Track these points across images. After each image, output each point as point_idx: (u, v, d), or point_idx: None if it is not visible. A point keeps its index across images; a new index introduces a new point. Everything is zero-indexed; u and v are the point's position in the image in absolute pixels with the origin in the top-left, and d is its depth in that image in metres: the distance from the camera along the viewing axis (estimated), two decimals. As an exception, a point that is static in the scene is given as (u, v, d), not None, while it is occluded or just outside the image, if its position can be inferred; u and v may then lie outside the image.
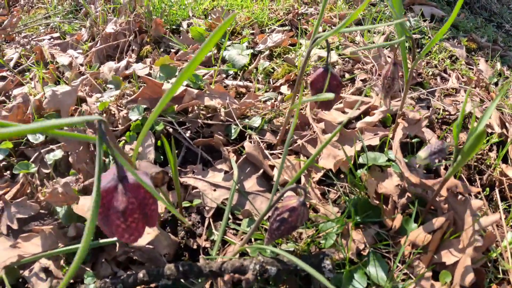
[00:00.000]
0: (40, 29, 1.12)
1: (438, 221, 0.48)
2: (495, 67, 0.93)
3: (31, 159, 0.69)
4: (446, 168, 0.66)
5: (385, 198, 0.54)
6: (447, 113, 0.74)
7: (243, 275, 0.44)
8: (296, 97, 0.56)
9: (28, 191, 0.65)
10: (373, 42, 0.88)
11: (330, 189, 0.57)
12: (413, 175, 0.49)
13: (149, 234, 0.49)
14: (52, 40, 1.03)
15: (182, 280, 0.48)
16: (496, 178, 0.68)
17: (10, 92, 0.93)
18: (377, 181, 0.54)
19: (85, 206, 0.54)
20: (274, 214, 0.43)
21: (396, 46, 0.62)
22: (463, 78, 0.85)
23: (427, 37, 0.97)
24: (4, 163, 0.72)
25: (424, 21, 1.06)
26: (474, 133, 0.38)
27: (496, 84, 0.91)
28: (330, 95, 0.37)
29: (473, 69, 0.91)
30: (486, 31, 1.13)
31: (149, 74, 0.78)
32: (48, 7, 1.24)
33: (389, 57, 0.85)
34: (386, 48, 0.84)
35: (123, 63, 0.78)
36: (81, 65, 0.82)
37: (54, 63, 0.94)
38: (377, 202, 0.53)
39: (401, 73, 0.80)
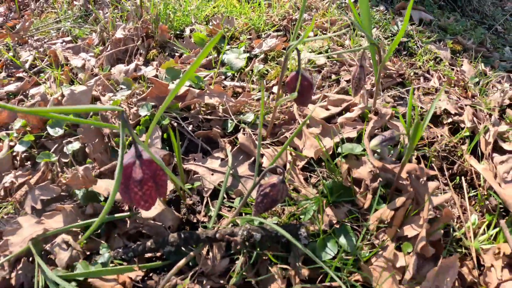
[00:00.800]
0: (52, 33, 1.26)
1: (399, 200, 0.59)
2: (477, 68, 1.03)
3: (51, 150, 0.82)
4: (418, 158, 0.77)
5: (359, 182, 0.66)
6: (424, 110, 0.85)
7: (235, 242, 0.55)
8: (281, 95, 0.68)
9: (49, 177, 0.78)
10: (360, 45, 0.99)
11: (312, 174, 0.68)
12: (376, 160, 0.60)
13: (156, 209, 0.60)
14: (64, 43, 1.17)
15: (183, 248, 0.60)
16: (467, 168, 0.78)
17: (27, 92, 1.07)
18: (352, 167, 0.66)
19: (102, 187, 0.66)
20: (259, 190, 0.55)
21: (364, 51, 0.73)
22: (444, 78, 0.95)
23: (413, 40, 1.08)
24: (25, 154, 0.85)
25: (412, 24, 1.17)
26: (416, 124, 0.49)
27: (478, 83, 1.01)
28: (294, 94, 0.48)
29: (456, 70, 1.02)
30: (474, 33, 1.24)
31: (156, 76, 0.90)
32: (59, 11, 1.38)
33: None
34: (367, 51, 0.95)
35: (132, 65, 0.90)
36: (94, 67, 0.95)
37: (68, 65, 1.07)
38: (350, 184, 0.64)
39: (382, 75, 0.91)
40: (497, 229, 0.66)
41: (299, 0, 1.15)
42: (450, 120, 0.82)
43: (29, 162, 0.84)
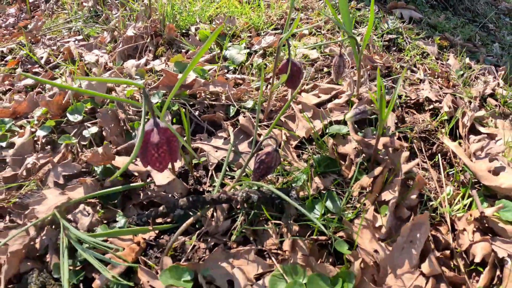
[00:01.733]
0: (64, 32, 1.41)
1: (377, 169, 0.72)
2: (462, 62, 1.16)
3: (71, 134, 0.95)
4: (400, 139, 0.89)
5: (344, 156, 0.78)
6: (408, 98, 0.98)
7: (235, 203, 0.68)
8: (276, 82, 0.81)
9: (69, 157, 0.91)
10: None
11: (303, 151, 0.81)
12: (356, 135, 0.73)
13: (168, 178, 0.73)
14: (77, 42, 1.31)
15: (191, 213, 0.72)
16: (446, 149, 0.91)
17: (44, 85, 1.21)
18: (338, 144, 0.78)
19: (120, 161, 0.79)
20: (256, 158, 0.68)
21: (343, 43, 0.86)
22: (429, 71, 1.08)
23: (402, 37, 1.22)
24: (46, 139, 0.99)
25: (403, 22, 1.30)
26: (380, 97, 0.62)
27: (462, 75, 1.14)
28: (284, 76, 0.61)
29: (442, 64, 1.14)
30: (463, 31, 1.37)
31: (164, 69, 1.05)
32: (69, 12, 1.53)
33: (364, 54, 1.10)
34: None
35: (142, 60, 1.04)
36: (107, 62, 1.09)
37: (82, 60, 1.21)
38: (336, 157, 0.77)
39: (369, 66, 1.04)
40: (470, 199, 0.79)
41: (297, 1, 1.30)
42: (431, 106, 0.95)
43: (49, 146, 0.97)
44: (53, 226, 0.77)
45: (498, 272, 0.67)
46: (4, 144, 0.95)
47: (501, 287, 0.62)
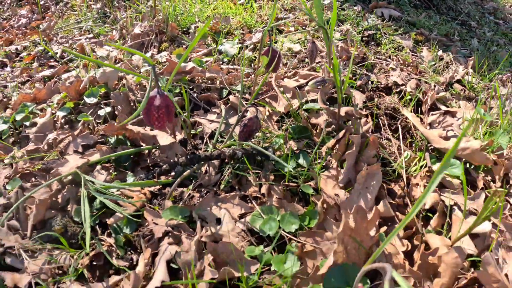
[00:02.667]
0: (75, 31, 1.68)
1: (341, 133, 0.95)
2: (435, 54, 1.40)
3: (88, 113, 1.20)
4: (372, 118, 1.12)
5: (316, 126, 1.02)
6: (379, 83, 1.21)
7: (223, 157, 0.92)
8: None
9: (86, 132, 1.16)
10: (333, 37, 1.37)
11: (282, 124, 1.04)
12: (323, 104, 0.96)
13: (170, 140, 0.97)
14: (88, 39, 1.58)
15: (189, 169, 0.96)
16: (409, 124, 1.13)
17: (60, 76, 1.47)
18: (311, 117, 1.02)
19: (132, 128, 1.03)
20: (240, 123, 0.91)
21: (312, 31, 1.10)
22: (401, 61, 1.32)
23: (380, 33, 1.46)
24: (65, 119, 1.23)
25: (383, 20, 1.55)
26: (334, 66, 0.86)
27: (434, 65, 1.37)
28: (265, 58, 0.86)
29: (416, 55, 1.38)
30: (442, 27, 1.61)
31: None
32: (79, 13, 1.81)
33: (341, 46, 1.35)
34: (339, 40, 1.34)
35: (148, 54, 1.30)
36: (116, 56, 1.35)
37: (94, 55, 1.47)
38: (308, 126, 1.00)
39: (344, 57, 1.29)
40: (425, 161, 1.01)
41: (286, 2, 1.56)
42: (398, 89, 1.18)
43: (67, 125, 1.22)
44: (73, 185, 1.01)
45: (448, 219, 0.89)
46: (27, 123, 1.20)
47: (452, 230, 0.84)
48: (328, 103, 1.07)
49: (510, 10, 2.14)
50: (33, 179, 1.04)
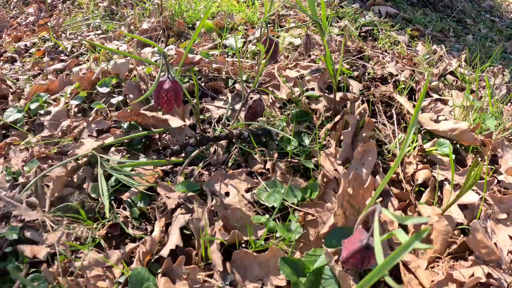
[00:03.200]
0: (83, 28, 1.79)
1: (338, 117, 1.05)
2: (429, 48, 1.51)
3: (101, 102, 1.30)
4: (368, 105, 1.23)
5: (316, 111, 1.12)
6: (375, 74, 1.32)
7: (231, 137, 1.02)
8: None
9: (98, 119, 1.26)
10: (330, 32, 1.48)
11: (285, 110, 1.15)
12: (320, 91, 1.07)
13: (181, 123, 1.07)
14: (96, 35, 1.69)
15: (198, 149, 1.06)
16: (404, 111, 1.24)
17: (71, 69, 1.57)
18: (311, 103, 1.12)
19: (147, 114, 1.13)
20: (246, 105, 1.02)
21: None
22: (397, 54, 1.43)
23: (377, 28, 1.58)
24: (78, 107, 1.34)
25: (380, 17, 1.67)
26: (327, 57, 0.97)
27: (427, 58, 1.48)
28: (262, 46, 0.96)
29: (411, 49, 1.49)
30: (437, 24, 1.72)
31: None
32: (86, 11, 1.92)
33: (339, 40, 1.46)
34: (338, 35, 1.45)
35: (156, 48, 1.41)
36: (125, 50, 1.46)
37: (103, 49, 1.58)
38: (308, 110, 1.10)
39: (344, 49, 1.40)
40: (417, 142, 1.11)
41: (288, 0, 1.68)
42: (394, 79, 1.29)
43: (80, 114, 1.33)
44: (89, 166, 1.11)
45: (439, 194, 0.99)
46: (42, 111, 1.30)
47: (443, 202, 0.94)
48: (326, 91, 1.18)
49: (506, 9, 2.26)
50: (50, 162, 1.14)
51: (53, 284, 0.82)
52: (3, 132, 1.33)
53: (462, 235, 0.88)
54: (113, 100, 1.24)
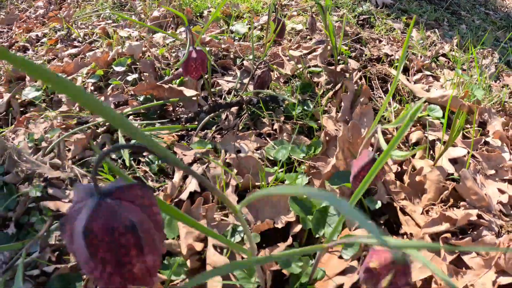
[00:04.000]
0: (93, 19, 1.93)
1: (338, 86, 1.19)
2: (423, 34, 1.67)
3: (118, 79, 1.44)
4: (361, 78, 1.38)
5: (318, 84, 1.27)
6: (370, 54, 1.47)
7: (242, 103, 1.16)
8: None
9: (116, 92, 1.39)
10: (329, 19, 1.64)
11: (289, 84, 1.29)
12: (322, 63, 1.21)
13: (195, 92, 1.21)
14: (108, 25, 1.83)
15: (211, 117, 1.19)
16: (399, 86, 1.38)
17: (85, 54, 1.71)
18: (314, 77, 1.27)
19: (164, 85, 1.27)
20: (255, 76, 1.16)
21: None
22: (392, 39, 1.58)
23: (373, 17, 1.74)
24: (94, 86, 1.47)
25: (377, 7, 1.83)
26: (329, 30, 1.11)
27: (422, 42, 1.64)
28: (273, 24, 1.11)
29: (406, 35, 1.65)
30: (431, 14, 1.89)
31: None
32: (95, 3, 2.08)
33: (338, 26, 1.62)
34: (337, 22, 1.61)
35: (168, 32, 1.56)
36: (137, 36, 1.60)
37: (117, 34, 1.72)
38: (311, 82, 1.25)
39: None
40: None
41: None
42: (388, 59, 1.44)
43: (96, 92, 1.46)
44: (108, 133, 1.23)
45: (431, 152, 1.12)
46: (61, 91, 1.44)
47: (435, 157, 1.07)
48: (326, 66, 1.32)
49: (502, 3, 2.44)
50: (70, 131, 1.27)
51: None
52: (21, 109, 1.46)
53: (453, 182, 1.01)
54: (129, 78, 1.38)
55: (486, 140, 1.14)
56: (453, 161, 1.06)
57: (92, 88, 1.43)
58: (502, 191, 1.02)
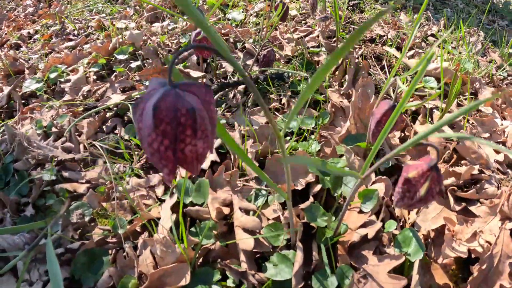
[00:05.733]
0: (86, 13, 1.94)
1: (339, 61, 1.25)
2: (411, 17, 1.75)
3: (121, 66, 1.45)
4: (359, 57, 1.44)
5: (318, 62, 1.32)
6: (365, 36, 1.54)
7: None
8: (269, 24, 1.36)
9: (121, 79, 1.40)
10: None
11: (290, 63, 1.34)
12: (324, 40, 1.27)
13: (200, 74, 1.24)
14: (102, 18, 1.84)
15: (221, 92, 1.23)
16: (392, 62, 1.45)
17: (82, 47, 1.71)
18: (313, 56, 1.33)
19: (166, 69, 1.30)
20: (260, 55, 1.20)
21: None
22: (383, 22, 1.66)
23: (363, 2, 1.82)
24: (97, 75, 1.48)
25: (364, -6, 1.92)
26: (335, 7, 1.17)
27: (410, 24, 1.73)
28: (279, 9, 1.17)
29: (394, 17, 1.73)
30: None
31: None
32: None
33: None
34: (328, 8, 1.68)
35: (166, 22, 1.58)
36: (135, 27, 1.62)
37: (114, 25, 1.74)
38: (313, 61, 1.30)
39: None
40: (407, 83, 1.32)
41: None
42: (381, 40, 1.51)
43: (98, 81, 1.48)
44: (117, 117, 1.25)
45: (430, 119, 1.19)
46: (62, 79, 1.45)
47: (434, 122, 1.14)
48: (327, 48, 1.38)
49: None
50: (78, 116, 1.28)
51: (97, 209, 0.93)
52: (22, 102, 1.46)
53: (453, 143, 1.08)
54: (132, 65, 1.40)
55: (479, 108, 1.22)
56: (451, 126, 1.13)
57: (95, 77, 1.44)
58: (497, 152, 1.10)
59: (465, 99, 1.24)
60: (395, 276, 0.74)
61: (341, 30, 1.52)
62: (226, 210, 0.83)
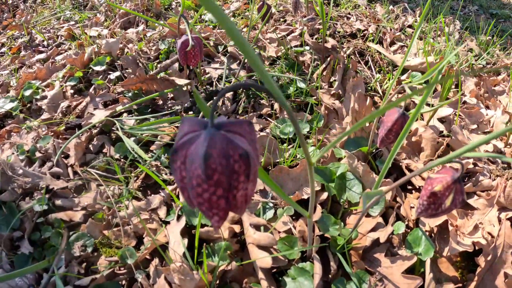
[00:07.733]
0: (53, 22, 1.84)
1: (327, 62, 1.25)
2: (387, 8, 1.78)
3: (99, 78, 1.39)
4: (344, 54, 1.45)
5: (304, 62, 1.32)
6: (343, 31, 1.55)
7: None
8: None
9: (102, 92, 1.35)
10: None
11: (275, 65, 1.33)
12: (310, 38, 1.27)
13: (186, 81, 1.21)
14: (71, 26, 1.75)
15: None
16: (376, 58, 1.47)
17: (54, 58, 1.63)
18: (298, 56, 1.32)
19: (157, 77, 1.25)
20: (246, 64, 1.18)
21: None
22: (360, 15, 1.67)
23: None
24: (74, 89, 1.41)
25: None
26: (320, 5, 1.17)
27: (387, 16, 1.75)
28: (265, 7, 1.14)
29: (371, 10, 1.75)
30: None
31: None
32: (52, 6, 1.97)
33: (309, 6, 1.68)
34: (305, 2, 1.68)
35: (140, 28, 1.52)
36: (107, 34, 1.55)
37: (86, 34, 1.66)
38: (298, 61, 1.30)
39: (313, 14, 1.62)
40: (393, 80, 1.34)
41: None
42: (362, 34, 1.52)
43: (76, 95, 1.41)
44: (103, 135, 1.20)
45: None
46: (37, 97, 1.37)
47: (425, 118, 1.16)
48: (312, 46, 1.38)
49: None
50: (61, 137, 1.22)
51: (99, 238, 0.88)
52: (-2, 124, 1.37)
53: (447, 138, 1.11)
54: (112, 76, 1.34)
55: (464, 100, 1.26)
56: (441, 121, 1.16)
57: (72, 91, 1.38)
58: (486, 142, 1.14)
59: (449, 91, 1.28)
60: (410, 276, 0.75)
61: (321, 27, 1.52)
62: (237, 228, 0.82)
